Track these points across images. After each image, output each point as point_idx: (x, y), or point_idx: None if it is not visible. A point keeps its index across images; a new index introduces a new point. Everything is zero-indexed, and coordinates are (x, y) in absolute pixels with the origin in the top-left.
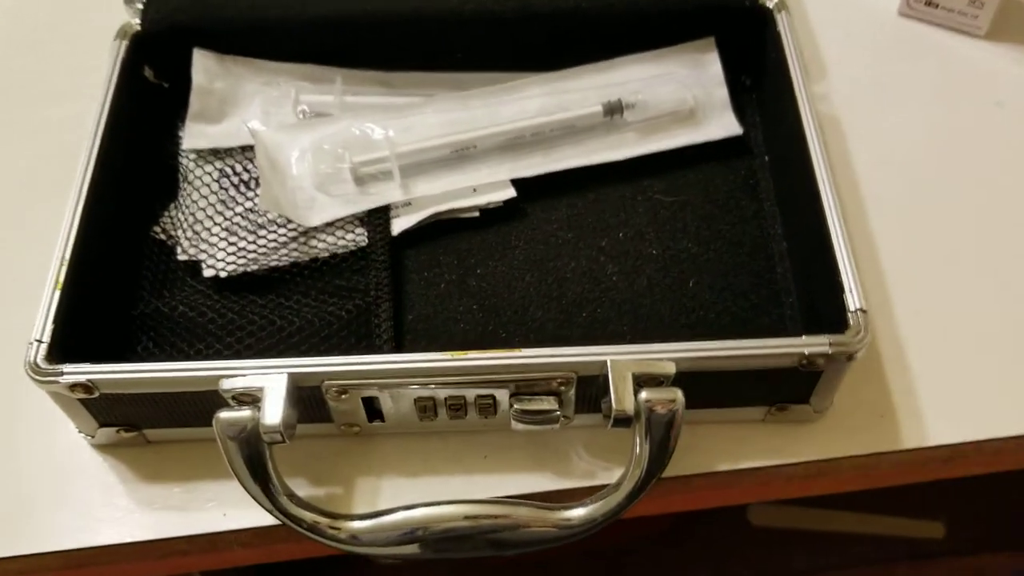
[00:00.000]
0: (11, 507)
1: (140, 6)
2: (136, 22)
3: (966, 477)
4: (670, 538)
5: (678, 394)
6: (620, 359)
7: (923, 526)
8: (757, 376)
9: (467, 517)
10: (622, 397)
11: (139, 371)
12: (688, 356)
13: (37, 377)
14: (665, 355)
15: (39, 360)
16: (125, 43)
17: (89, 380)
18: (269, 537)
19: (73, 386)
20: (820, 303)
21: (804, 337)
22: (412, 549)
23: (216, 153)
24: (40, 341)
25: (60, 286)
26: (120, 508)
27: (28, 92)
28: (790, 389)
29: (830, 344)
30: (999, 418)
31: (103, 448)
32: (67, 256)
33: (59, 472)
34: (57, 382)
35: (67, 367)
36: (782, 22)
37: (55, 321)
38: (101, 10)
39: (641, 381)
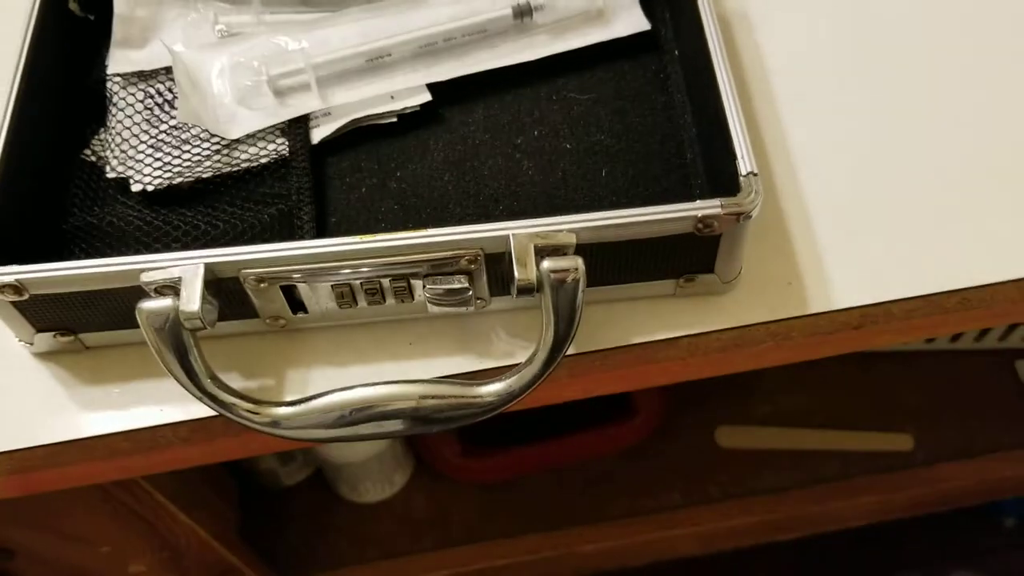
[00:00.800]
0: None
1: None
2: None
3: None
4: (640, 459)
5: (578, 261)
6: (522, 232)
7: (892, 438)
8: (658, 245)
9: (389, 397)
10: (525, 267)
11: (64, 268)
12: (587, 226)
13: None
14: (565, 226)
15: None
16: None
17: (17, 280)
18: (206, 431)
19: (2, 287)
20: (721, 178)
21: (698, 201)
22: (337, 431)
23: (141, 76)
24: None
25: None
26: (61, 410)
27: None
28: (693, 257)
29: (722, 205)
30: (906, 280)
31: (43, 356)
32: None
33: (1, 382)
34: None
35: None
36: None
37: None
38: None
39: (544, 252)
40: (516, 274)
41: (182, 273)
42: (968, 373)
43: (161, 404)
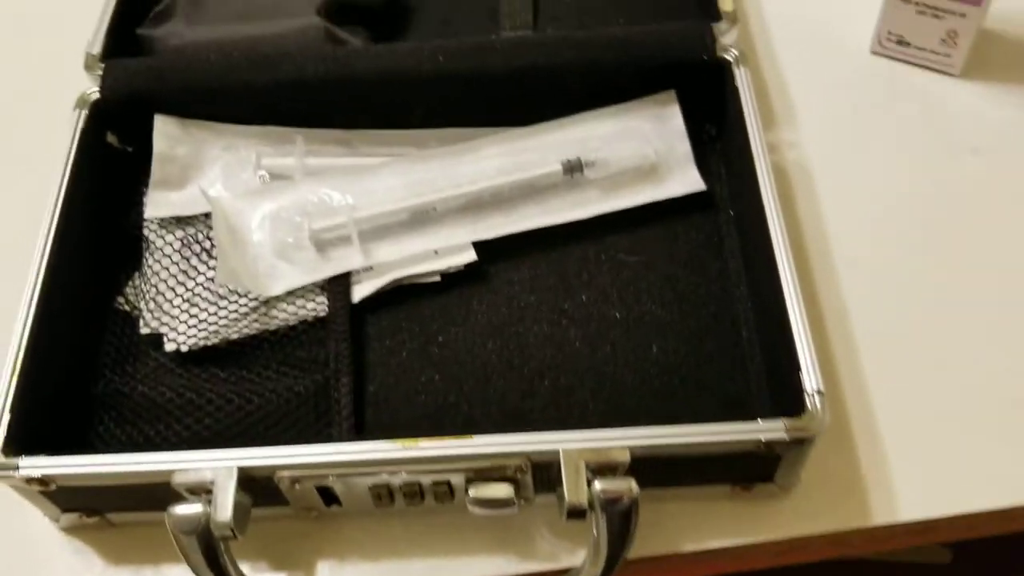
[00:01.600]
0: None
1: (100, 72)
2: (95, 90)
3: None
4: None
5: (632, 484)
6: (572, 447)
7: (930, 552)
8: (716, 459)
9: None
10: (574, 488)
11: (93, 465)
12: (642, 444)
13: None
14: (619, 443)
15: None
16: (84, 112)
17: (44, 475)
18: None
19: (29, 480)
20: (784, 376)
21: (760, 422)
22: None
23: (179, 221)
24: None
25: (18, 375)
26: None
27: None
28: (752, 469)
29: (786, 430)
30: (971, 491)
31: (69, 531)
32: (24, 343)
33: (25, 554)
34: (13, 477)
35: (23, 461)
36: (740, 77)
37: (12, 410)
38: (64, 77)
39: (595, 469)
40: (566, 496)
41: (215, 476)
42: None
43: None
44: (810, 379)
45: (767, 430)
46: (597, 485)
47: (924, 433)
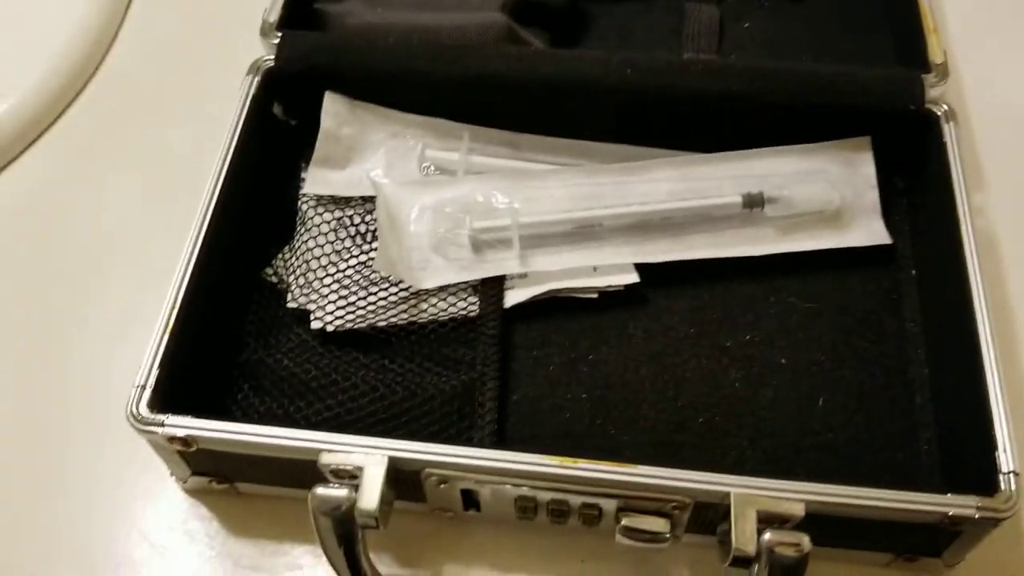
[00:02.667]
0: (94, 540)
1: (276, 41)
2: (270, 58)
3: None
4: None
5: (805, 540)
6: (744, 493)
7: None
8: (891, 525)
9: None
10: (744, 536)
11: (240, 432)
12: (820, 500)
13: (138, 425)
14: (795, 495)
15: (141, 408)
16: (257, 79)
17: (188, 435)
18: None
19: (171, 439)
20: (964, 451)
21: (950, 496)
22: None
23: (336, 201)
24: (144, 387)
25: (169, 330)
26: (206, 561)
27: (156, 117)
28: (924, 542)
29: (977, 508)
30: None
31: (193, 493)
32: (179, 300)
33: (147, 511)
34: (156, 433)
35: (169, 419)
36: (949, 133)
37: (161, 366)
38: (238, 41)
39: (764, 519)
40: (733, 542)
41: (364, 463)
42: None
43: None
44: (1007, 459)
45: (956, 505)
46: (768, 535)
47: None
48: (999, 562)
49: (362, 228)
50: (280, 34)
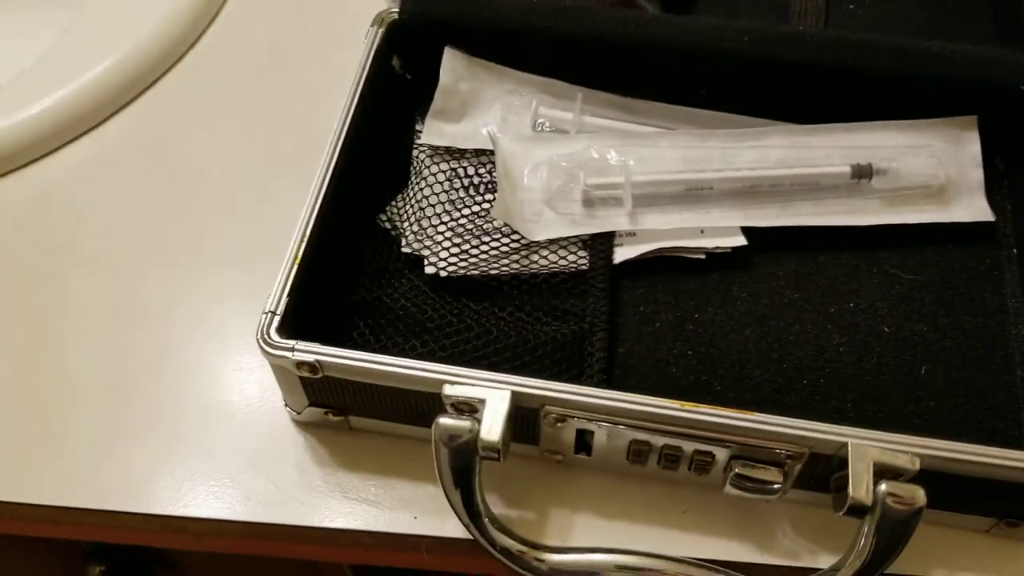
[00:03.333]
0: (209, 468)
1: None
2: (394, 10)
3: None
4: None
5: (919, 493)
6: (862, 444)
7: None
8: (999, 487)
9: (665, 573)
10: (860, 485)
11: (368, 361)
12: (935, 455)
13: (269, 349)
14: (912, 449)
15: (272, 333)
16: (381, 30)
17: (317, 361)
18: (453, 547)
19: (300, 364)
20: None
21: None
22: None
23: (450, 152)
24: (274, 313)
25: (298, 261)
26: (315, 490)
27: (277, 66)
28: None
29: None
30: None
31: (305, 426)
32: (307, 234)
33: (259, 441)
34: (287, 357)
35: (300, 344)
36: None
37: (290, 295)
38: None
39: (879, 471)
40: (850, 491)
41: (487, 396)
42: None
43: (416, 511)
44: None
45: None
46: (883, 487)
47: None
48: None
49: (475, 180)
50: None
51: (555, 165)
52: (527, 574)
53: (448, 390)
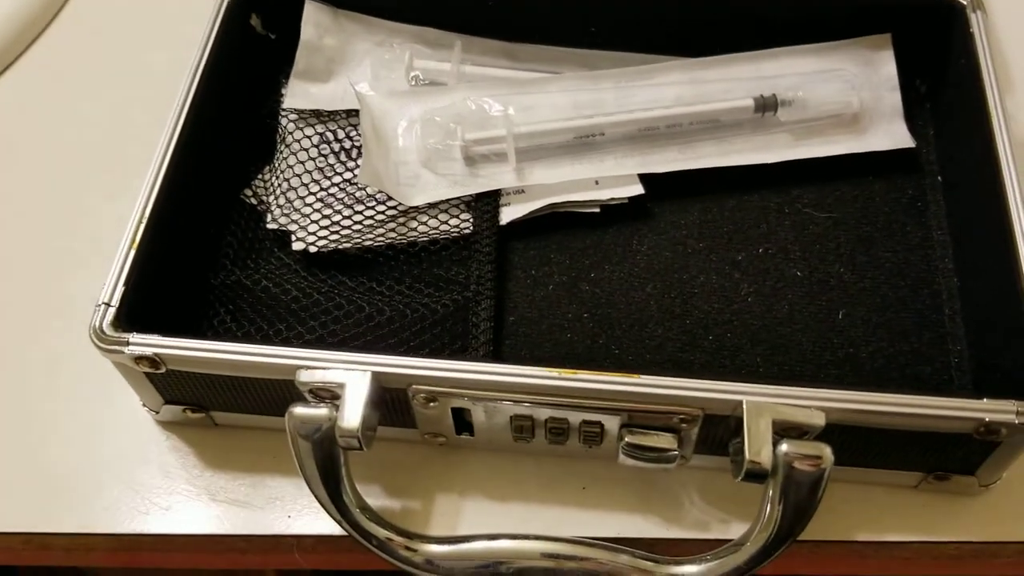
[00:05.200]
0: (67, 479)
1: None
2: None
3: None
4: None
5: (826, 452)
6: (759, 401)
7: None
8: (920, 438)
9: (559, 557)
10: (758, 447)
11: (210, 350)
12: (843, 407)
13: (101, 344)
14: (814, 402)
15: (105, 326)
16: None
17: (156, 354)
18: (334, 546)
19: (139, 358)
20: (1000, 359)
21: (986, 400)
22: None
23: (318, 115)
24: (108, 304)
25: (136, 245)
26: (181, 495)
27: (132, 39)
28: (956, 457)
29: (1017, 412)
30: None
31: (167, 425)
32: (147, 213)
33: (119, 446)
34: (122, 352)
35: (134, 337)
36: (976, 23)
37: (127, 283)
38: None
39: (781, 430)
40: (746, 454)
41: (346, 379)
42: None
43: (290, 509)
44: None
45: (994, 411)
46: (784, 447)
47: None
48: None
49: (347, 144)
50: None
51: (430, 121)
52: (406, 567)
53: (303, 376)
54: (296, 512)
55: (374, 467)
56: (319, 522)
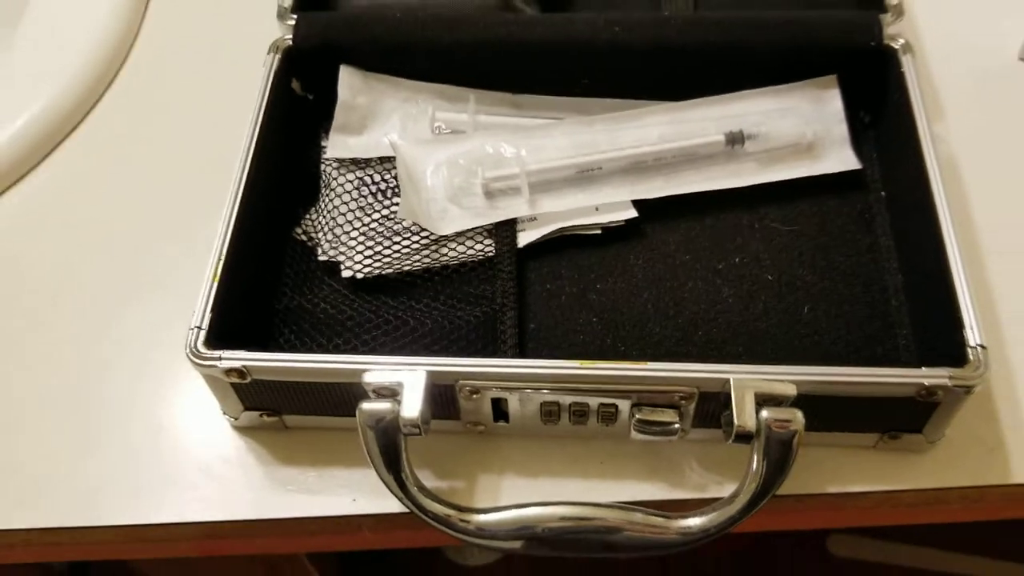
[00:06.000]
0: (159, 478)
1: (291, 22)
2: (288, 37)
3: None
4: (752, 561)
5: (798, 415)
6: (743, 378)
7: (1007, 569)
8: (874, 403)
9: (586, 519)
10: (744, 414)
11: (290, 361)
12: (809, 379)
13: (197, 361)
14: (787, 377)
15: (199, 345)
16: (277, 56)
17: (244, 366)
18: (393, 523)
19: (228, 371)
20: (937, 338)
21: (924, 369)
22: (531, 545)
23: (356, 163)
24: (200, 328)
25: (217, 278)
26: (258, 487)
27: (186, 104)
28: (905, 418)
29: (950, 377)
30: None
31: (243, 430)
32: (224, 252)
33: (203, 449)
34: (215, 366)
35: (225, 353)
36: (907, 64)
37: (213, 310)
38: (257, 28)
39: (762, 400)
40: (735, 420)
41: (404, 379)
42: None
43: (354, 493)
44: (973, 335)
45: (931, 376)
46: (765, 413)
47: None
48: (976, 437)
49: (382, 185)
50: (295, 16)
51: (454, 163)
52: (459, 535)
53: (368, 377)
54: (360, 496)
55: (425, 455)
56: (381, 502)
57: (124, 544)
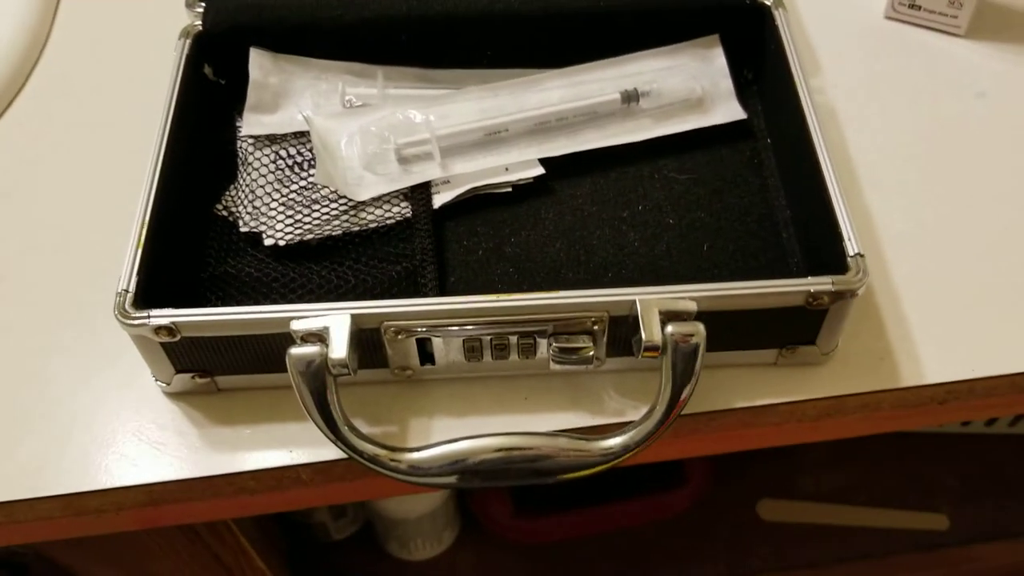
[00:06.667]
0: (93, 446)
1: (200, 9)
2: (198, 23)
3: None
4: (684, 528)
5: (699, 328)
6: (648, 298)
7: (928, 518)
8: (768, 315)
9: (514, 448)
10: (650, 330)
11: (218, 314)
12: (707, 295)
13: (126, 321)
14: (687, 294)
15: (127, 306)
16: (188, 42)
17: (172, 323)
18: (327, 474)
19: (158, 329)
20: (823, 257)
21: (810, 277)
22: (464, 478)
23: (272, 138)
24: (127, 291)
25: (141, 245)
26: (194, 448)
27: (103, 93)
28: (798, 329)
29: (833, 283)
30: (989, 358)
31: (177, 396)
32: (146, 220)
33: (136, 417)
34: (145, 324)
35: (153, 312)
36: (780, 18)
37: (139, 274)
38: (166, 20)
39: (666, 317)
40: (643, 336)
41: (330, 323)
42: (1003, 456)
43: (289, 446)
44: (851, 245)
45: (816, 283)
46: (670, 328)
47: (943, 309)
48: (867, 349)
49: (298, 159)
50: (203, 2)
51: (367, 132)
52: (394, 475)
53: (295, 325)
54: (296, 448)
55: (356, 405)
56: (316, 451)
57: (63, 519)
